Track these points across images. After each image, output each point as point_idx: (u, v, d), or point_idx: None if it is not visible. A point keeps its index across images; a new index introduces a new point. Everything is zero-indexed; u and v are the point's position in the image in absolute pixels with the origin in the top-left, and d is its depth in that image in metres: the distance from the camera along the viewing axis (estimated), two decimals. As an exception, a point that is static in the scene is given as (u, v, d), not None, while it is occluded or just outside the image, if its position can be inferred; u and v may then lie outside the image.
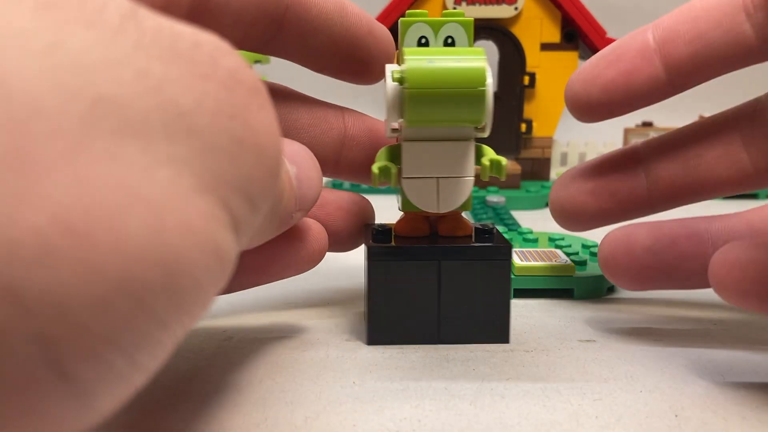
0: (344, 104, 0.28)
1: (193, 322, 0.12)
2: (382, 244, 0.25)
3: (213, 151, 0.12)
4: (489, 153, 0.25)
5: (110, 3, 0.12)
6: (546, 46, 0.54)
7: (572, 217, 0.28)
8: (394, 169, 0.24)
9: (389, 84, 0.22)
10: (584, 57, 0.56)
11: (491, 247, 0.25)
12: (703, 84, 0.25)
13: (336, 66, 0.27)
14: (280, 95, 0.27)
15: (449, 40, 0.24)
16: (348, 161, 0.28)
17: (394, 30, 0.58)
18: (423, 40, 0.24)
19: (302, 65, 0.27)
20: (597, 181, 0.27)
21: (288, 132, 0.27)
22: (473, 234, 0.26)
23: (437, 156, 0.24)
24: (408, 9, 0.53)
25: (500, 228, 0.41)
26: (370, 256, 0.25)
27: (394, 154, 0.25)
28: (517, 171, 0.53)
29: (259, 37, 0.24)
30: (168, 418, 0.20)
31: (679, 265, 0.25)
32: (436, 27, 0.24)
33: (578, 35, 0.54)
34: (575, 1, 0.52)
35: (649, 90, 0.25)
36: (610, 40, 0.53)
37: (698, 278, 0.25)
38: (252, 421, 0.20)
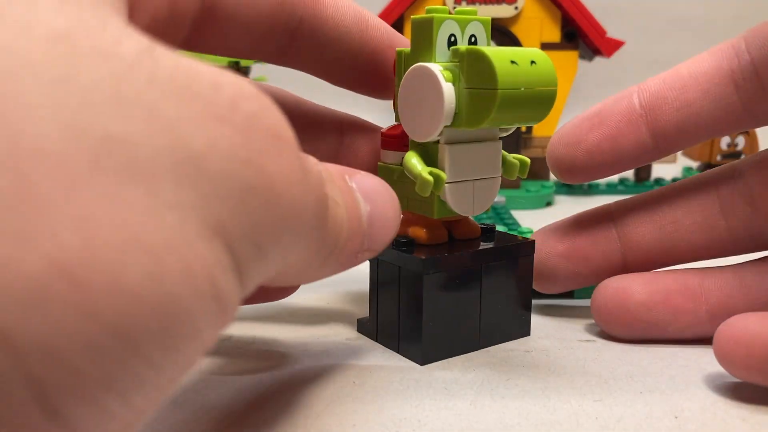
0: (345, 104, 0.28)
1: (191, 365, 0.12)
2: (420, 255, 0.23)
3: (222, 197, 0.12)
4: (505, 152, 0.25)
5: (127, 37, 0.12)
6: (546, 46, 0.54)
7: (547, 279, 0.27)
8: (444, 176, 0.23)
9: (445, 86, 0.22)
10: (584, 57, 0.56)
11: (522, 243, 0.26)
12: None
13: (354, 80, 0.26)
14: (275, 100, 0.27)
15: (473, 39, 0.23)
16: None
17: (394, 28, 0.57)
18: (452, 39, 0.23)
19: (319, 77, 0.26)
20: (570, 244, 0.27)
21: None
22: (482, 235, 0.26)
23: (474, 158, 0.24)
24: (407, 9, 0.53)
25: (500, 228, 0.41)
26: (426, 270, 0.23)
27: (427, 158, 0.24)
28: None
29: (270, 48, 0.24)
30: (166, 418, 0.20)
31: (672, 319, 0.25)
32: (462, 25, 0.23)
33: (578, 35, 0.54)
34: (575, 1, 0.52)
35: (635, 154, 0.25)
36: (610, 40, 0.53)
37: (691, 331, 0.25)
38: (251, 422, 0.20)
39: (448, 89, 0.22)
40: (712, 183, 0.26)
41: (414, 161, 0.23)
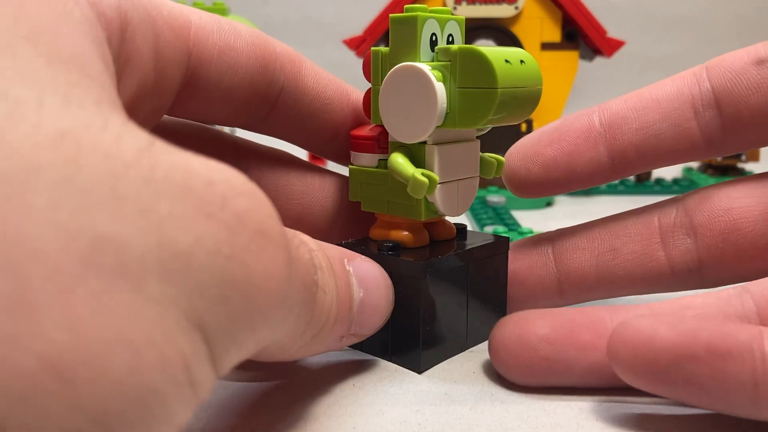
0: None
1: None
2: (420, 260, 0.23)
3: (204, 291, 0.12)
4: (481, 152, 0.25)
5: (127, 134, 0.12)
6: (546, 46, 0.53)
7: None
8: (436, 178, 0.22)
9: (437, 85, 0.21)
10: (585, 56, 0.56)
11: (500, 240, 0.26)
12: None
13: (336, 152, 0.26)
14: (272, 159, 0.26)
15: (450, 38, 0.23)
16: (342, 227, 0.27)
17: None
18: (434, 38, 0.23)
19: (302, 147, 0.26)
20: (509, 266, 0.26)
21: (277, 198, 0.26)
22: (457, 234, 0.26)
23: (458, 158, 0.24)
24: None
25: (501, 228, 0.41)
26: (431, 274, 0.23)
27: (411, 160, 0.23)
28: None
29: (252, 116, 0.24)
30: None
31: (578, 356, 0.21)
32: (442, 24, 0.23)
33: (579, 35, 0.54)
34: (576, 1, 0.52)
35: (590, 172, 0.25)
36: (611, 40, 0.53)
37: (598, 372, 0.21)
38: (250, 425, 0.20)
39: (441, 89, 0.22)
40: (655, 213, 0.25)
41: (402, 162, 0.23)
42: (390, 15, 0.23)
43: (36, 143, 0.11)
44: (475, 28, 0.53)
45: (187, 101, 0.22)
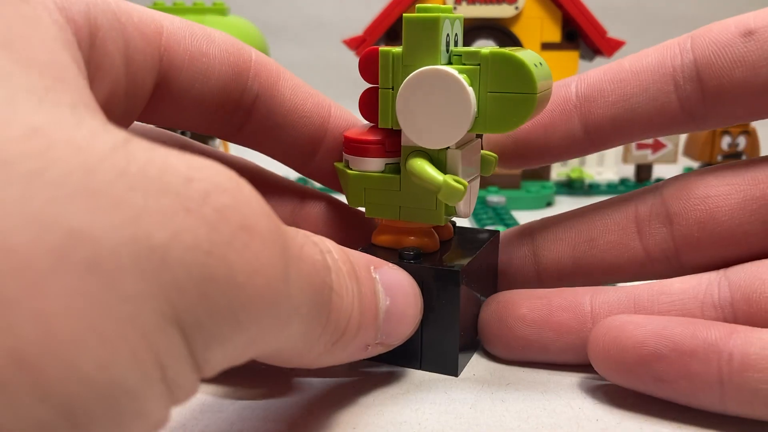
0: (348, 106, 0.28)
1: None
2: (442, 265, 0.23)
3: (182, 287, 0.12)
4: None
5: (103, 132, 0.12)
6: (547, 46, 0.53)
7: None
8: (465, 182, 0.22)
9: (469, 90, 0.21)
10: (585, 56, 0.56)
11: (495, 234, 0.26)
12: None
13: (316, 170, 0.26)
14: (254, 176, 0.26)
15: (456, 38, 0.23)
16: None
17: (394, 28, 0.57)
18: (448, 39, 0.22)
19: (281, 162, 0.26)
20: None
21: None
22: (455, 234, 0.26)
23: (470, 159, 0.24)
24: (407, 9, 0.53)
25: (500, 228, 0.41)
26: (468, 280, 0.23)
27: (431, 162, 0.23)
28: (518, 171, 0.53)
29: (225, 123, 0.24)
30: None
31: (555, 338, 0.23)
32: (452, 24, 0.23)
33: (579, 35, 0.54)
34: (576, 1, 0.52)
35: (566, 145, 0.24)
36: (611, 40, 0.53)
37: (573, 353, 0.23)
38: (251, 423, 0.20)
39: (473, 94, 0.21)
40: (632, 202, 0.25)
41: (428, 169, 0.22)
42: (404, 15, 0.22)
43: (6, 138, 0.11)
44: (475, 28, 0.53)
45: (158, 107, 0.22)
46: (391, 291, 0.21)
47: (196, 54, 0.22)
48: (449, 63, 0.22)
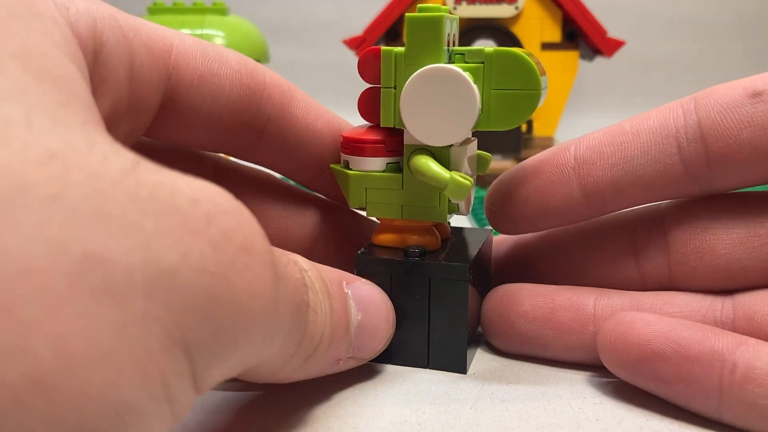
0: (348, 111, 0.28)
1: None
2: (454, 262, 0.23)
3: (188, 308, 0.12)
4: None
5: (113, 154, 0.13)
6: (547, 46, 0.53)
7: None
8: (471, 179, 0.22)
9: (475, 87, 0.21)
10: (585, 56, 0.56)
11: (489, 231, 0.27)
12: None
13: (327, 187, 0.26)
14: (254, 181, 0.26)
15: (454, 38, 0.23)
16: (320, 252, 0.27)
17: (394, 28, 0.57)
18: (448, 38, 0.22)
19: (293, 180, 0.26)
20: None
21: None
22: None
23: (471, 158, 0.24)
24: (407, 9, 0.53)
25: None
26: (473, 276, 0.23)
27: (437, 161, 0.23)
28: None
29: (236, 144, 0.24)
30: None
31: (555, 336, 0.23)
32: (451, 24, 0.23)
33: (579, 35, 0.54)
34: (576, 1, 0.52)
35: (564, 208, 0.24)
36: (611, 40, 0.53)
37: (572, 353, 0.23)
38: (252, 424, 0.20)
39: (477, 91, 0.21)
40: (632, 222, 0.24)
41: (434, 166, 0.22)
42: (407, 15, 0.22)
43: (25, 162, 0.11)
44: (475, 28, 0.53)
45: (165, 124, 0.22)
46: (363, 306, 0.21)
47: (207, 74, 0.22)
48: (450, 62, 0.22)
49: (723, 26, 0.82)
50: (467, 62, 0.22)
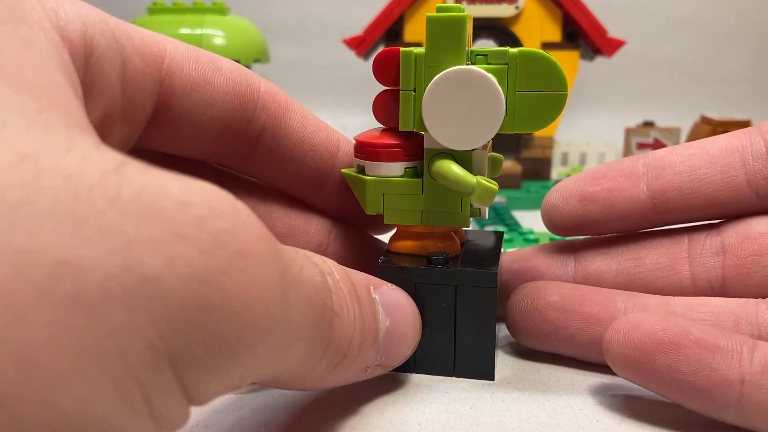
0: (348, 111, 0.27)
1: None
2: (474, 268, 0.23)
3: (174, 318, 0.12)
4: None
5: (95, 156, 0.12)
6: (547, 46, 0.53)
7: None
8: (495, 183, 0.22)
9: (500, 90, 0.21)
10: (585, 56, 0.56)
11: (500, 235, 0.27)
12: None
13: (323, 202, 0.25)
14: (257, 191, 0.25)
15: (469, 38, 0.23)
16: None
17: (394, 28, 0.57)
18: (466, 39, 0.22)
19: (288, 192, 0.25)
20: (525, 263, 0.26)
21: None
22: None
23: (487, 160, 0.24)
24: (407, 9, 0.53)
25: (501, 228, 0.41)
26: (497, 281, 0.23)
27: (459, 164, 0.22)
28: (518, 171, 0.53)
29: (228, 153, 0.23)
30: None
31: (581, 327, 0.23)
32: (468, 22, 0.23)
33: (579, 35, 0.54)
34: (576, 1, 0.52)
35: (630, 210, 0.24)
36: (611, 40, 0.53)
37: (599, 347, 0.22)
38: (251, 424, 0.20)
39: (503, 94, 0.21)
40: (686, 232, 0.25)
41: (458, 170, 0.22)
42: (428, 15, 0.22)
43: None
44: (476, 28, 0.53)
45: (157, 131, 0.21)
46: (390, 311, 0.20)
47: (200, 81, 0.21)
48: (471, 63, 0.22)
49: (723, 26, 0.82)
50: (490, 63, 0.22)
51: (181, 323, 0.12)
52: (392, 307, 0.20)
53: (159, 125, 0.21)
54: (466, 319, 0.23)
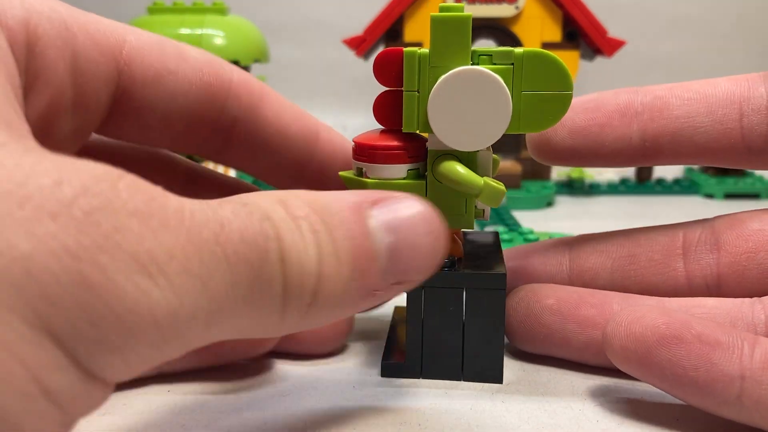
0: (348, 111, 0.27)
1: None
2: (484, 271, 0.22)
3: (51, 296, 0.11)
4: None
5: None
6: (547, 46, 0.53)
7: None
8: (502, 184, 0.22)
9: (508, 90, 0.21)
10: (585, 56, 0.56)
11: (497, 235, 0.27)
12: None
13: (300, 184, 0.25)
14: (229, 190, 0.25)
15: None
16: None
17: (394, 28, 0.57)
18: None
19: (267, 183, 0.25)
20: (521, 261, 0.26)
21: None
22: None
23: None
24: (407, 9, 0.53)
25: (501, 228, 0.41)
26: (505, 283, 0.22)
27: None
28: (518, 171, 0.53)
29: (203, 144, 0.23)
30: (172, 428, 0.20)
31: (577, 331, 0.23)
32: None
33: (579, 34, 0.54)
34: (576, 1, 0.52)
35: (618, 149, 0.24)
36: (611, 39, 0.53)
37: (594, 348, 0.22)
38: (251, 424, 0.20)
39: (509, 94, 0.21)
40: (681, 228, 0.25)
41: (464, 172, 0.22)
42: (432, 15, 0.21)
43: None
44: (476, 28, 0.53)
45: (121, 122, 0.21)
46: (393, 227, 0.18)
47: (163, 71, 0.21)
48: (475, 63, 0.22)
49: (724, 26, 0.82)
50: (495, 63, 0.21)
51: (60, 300, 0.12)
52: (395, 222, 0.18)
53: (122, 116, 0.21)
54: (475, 322, 0.22)
